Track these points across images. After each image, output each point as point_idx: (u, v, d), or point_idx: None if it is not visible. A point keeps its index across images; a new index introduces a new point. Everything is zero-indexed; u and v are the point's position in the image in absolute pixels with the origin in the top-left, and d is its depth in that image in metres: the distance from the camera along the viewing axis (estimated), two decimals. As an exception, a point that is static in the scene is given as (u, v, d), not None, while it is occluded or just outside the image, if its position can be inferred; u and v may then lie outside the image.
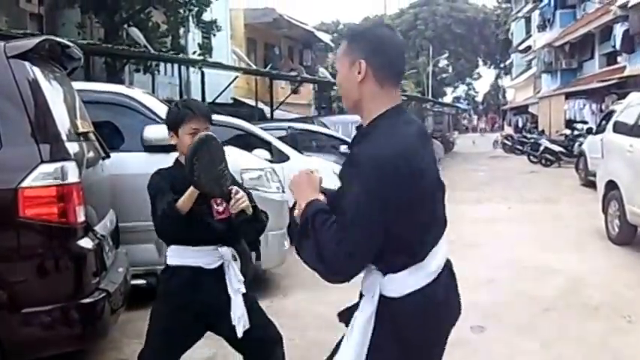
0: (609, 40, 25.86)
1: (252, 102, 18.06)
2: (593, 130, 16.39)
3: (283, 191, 6.42)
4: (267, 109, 17.79)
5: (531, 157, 23.23)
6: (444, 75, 65.81)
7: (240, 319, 2.96)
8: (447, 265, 2.15)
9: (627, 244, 8.02)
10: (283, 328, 3.27)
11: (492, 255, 7.78)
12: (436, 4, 60.62)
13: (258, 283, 6.22)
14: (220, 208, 3.00)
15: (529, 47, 41.41)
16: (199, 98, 13.52)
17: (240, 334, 2.95)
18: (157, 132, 4.88)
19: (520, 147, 26.72)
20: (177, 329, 2.98)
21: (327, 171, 9.66)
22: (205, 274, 2.98)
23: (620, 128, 8.50)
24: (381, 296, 2.01)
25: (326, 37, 29.20)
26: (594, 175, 10.69)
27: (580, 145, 17.93)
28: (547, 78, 36.32)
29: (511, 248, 8.17)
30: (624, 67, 24.14)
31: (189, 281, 2.96)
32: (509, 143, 30.09)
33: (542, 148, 22.31)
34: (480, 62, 68.25)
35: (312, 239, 1.98)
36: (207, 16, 14.38)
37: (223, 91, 14.93)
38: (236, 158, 6.05)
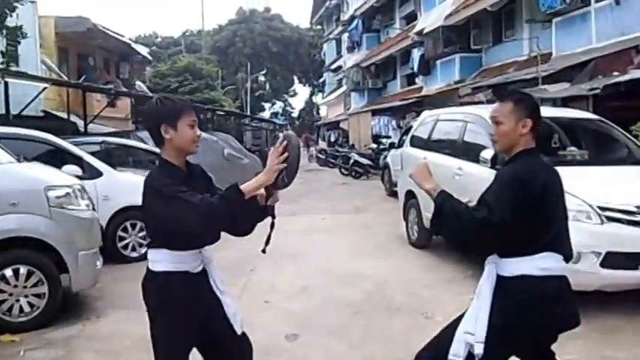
0: (409, 62, 27.85)
1: (64, 115, 17.02)
2: (395, 145, 17.59)
3: (94, 209, 6.19)
4: (80, 123, 16.89)
5: (343, 170, 24.16)
6: (262, 91, 66.70)
7: (235, 315, 3.01)
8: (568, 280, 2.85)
9: (425, 247, 8.73)
10: (99, 354, 3.16)
11: (307, 264, 8.07)
12: (254, 22, 61.22)
13: (68, 306, 5.94)
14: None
15: (340, 67, 43.28)
16: (2, 110, 12.54)
17: (239, 330, 2.99)
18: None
19: (333, 160, 27.72)
20: (190, 340, 2.92)
21: (142, 187, 9.42)
22: (194, 278, 2.94)
23: (416, 142, 9.19)
24: (498, 275, 2.80)
25: (144, 50, 28.39)
26: (397, 185, 11.34)
27: (385, 158, 18.88)
28: (356, 96, 38.15)
29: (324, 257, 8.52)
30: (421, 88, 26.17)
31: (187, 288, 2.89)
32: (323, 157, 31.15)
33: (352, 161, 23.32)
34: (296, 80, 70.00)
35: (455, 218, 2.81)
36: (12, 22, 13.30)
37: (30, 103, 13.89)
38: (40, 175, 5.76)
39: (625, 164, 6.82)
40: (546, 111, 9.17)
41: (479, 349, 2.76)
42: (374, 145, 24.57)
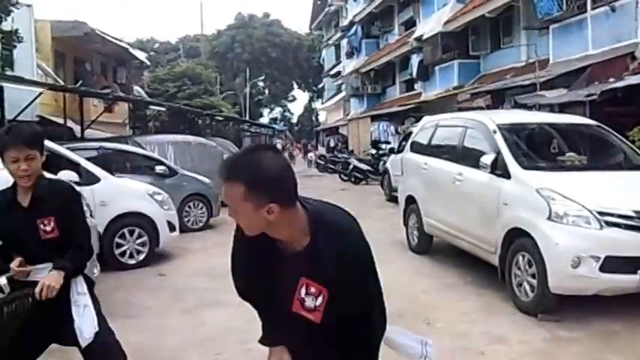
0: (407, 68, 27.94)
1: (60, 120, 17.01)
2: (395, 150, 17.62)
3: (92, 215, 6.17)
4: (77, 128, 16.89)
5: (342, 176, 24.18)
6: (261, 97, 66.80)
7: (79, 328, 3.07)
8: None
9: (425, 252, 8.72)
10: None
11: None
12: (253, 28, 61.33)
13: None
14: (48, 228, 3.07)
15: (339, 72, 43.31)
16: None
17: (82, 343, 3.06)
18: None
19: (332, 166, 27.72)
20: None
21: (140, 192, 9.44)
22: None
23: (417, 148, 9.19)
24: None
25: (141, 55, 28.43)
26: (397, 190, 11.36)
27: (384, 163, 18.91)
28: (355, 101, 38.20)
29: (324, 263, 8.51)
30: (420, 93, 26.25)
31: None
32: (322, 163, 31.15)
33: (351, 166, 23.33)
34: (295, 85, 70.11)
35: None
36: (7, 26, 13.30)
37: (25, 108, 13.86)
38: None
39: (623, 169, 6.85)
40: (545, 117, 9.28)
41: None
42: (373, 151, 24.58)
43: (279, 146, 47.53)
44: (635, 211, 5.48)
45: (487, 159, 6.61)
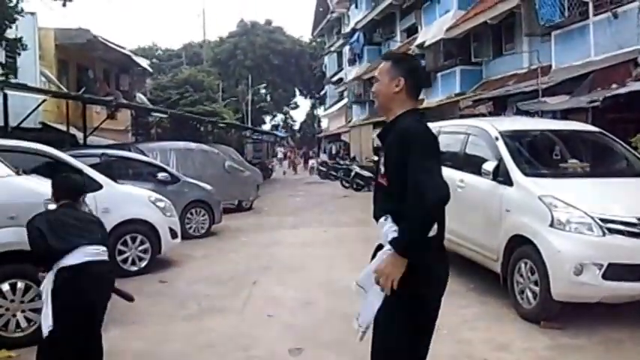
0: (410, 75, 27.92)
1: (63, 127, 17.04)
2: (397, 157, 17.59)
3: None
4: (80, 135, 16.93)
5: (344, 183, 24.23)
6: (263, 103, 66.85)
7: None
8: None
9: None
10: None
11: (309, 278, 8.04)
12: (255, 35, 61.42)
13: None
14: None
15: (341, 79, 43.36)
16: (0, 122, 12.56)
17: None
18: None
19: (334, 173, 27.74)
20: None
21: (143, 199, 9.45)
22: None
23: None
24: None
25: (144, 62, 28.45)
26: (399, 198, 11.37)
27: (386, 170, 18.94)
28: (357, 108, 38.22)
29: (327, 270, 8.48)
30: (422, 100, 26.23)
31: None
32: (324, 169, 31.19)
33: (353, 173, 23.38)
34: (297, 92, 70.17)
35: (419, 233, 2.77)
36: (11, 34, 13.34)
37: (29, 115, 13.89)
38: (38, 188, 5.75)
39: (625, 176, 6.83)
40: (547, 124, 9.26)
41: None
42: (375, 158, 24.56)
43: (280, 155, 47.57)
44: (638, 218, 5.47)
45: (489, 166, 6.60)
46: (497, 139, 6.91)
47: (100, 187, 8.18)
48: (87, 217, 4.39)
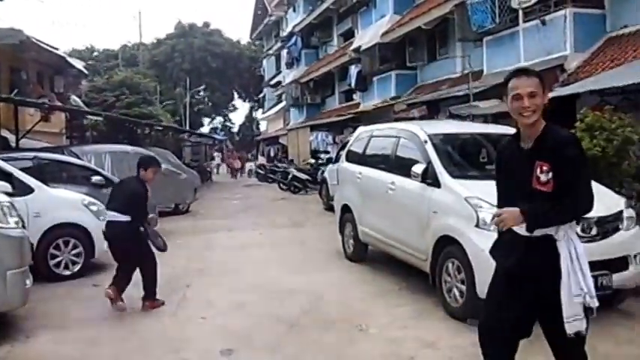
0: (346, 79, 28.18)
1: (-6, 130, 16.52)
2: (333, 160, 17.81)
3: (24, 226, 6.04)
4: (12, 138, 16.40)
5: (282, 185, 24.23)
6: (201, 106, 66.18)
7: None
8: None
9: (361, 260, 8.84)
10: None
11: (243, 280, 8.06)
12: (193, 37, 60.73)
13: (-5, 325, 5.80)
14: None
15: (279, 82, 43.48)
16: None
17: None
18: None
19: (272, 175, 27.70)
20: None
21: (75, 203, 9.30)
22: None
23: (352, 157, 9.33)
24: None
25: (79, 64, 27.79)
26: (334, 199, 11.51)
27: (322, 173, 19.11)
28: (295, 111, 38.35)
29: (261, 272, 8.51)
30: (359, 104, 26.56)
31: None
32: (262, 172, 31.13)
33: (290, 176, 23.42)
34: (236, 95, 69.77)
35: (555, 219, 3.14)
36: None
37: (-44, 117, 13.42)
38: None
39: None
40: (476, 127, 9.55)
41: (594, 302, 3.12)
42: (312, 161, 24.76)
43: (218, 160, 47.10)
44: None
45: (418, 168, 6.76)
46: (426, 142, 7.09)
47: (32, 190, 8.05)
48: None
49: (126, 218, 6.52)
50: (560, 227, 3.15)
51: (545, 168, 3.10)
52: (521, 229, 3.20)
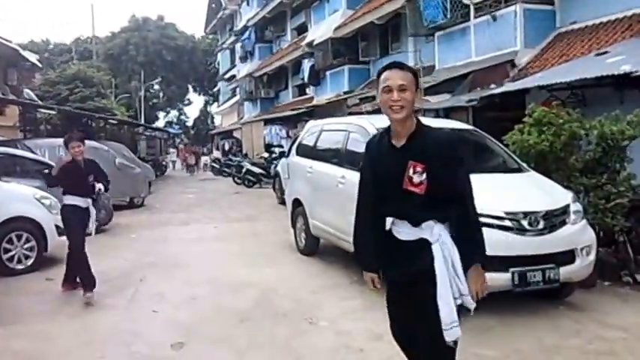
0: (300, 73, 28.29)
1: (-57, 123, 16.08)
2: (285, 153, 17.88)
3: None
4: (-36, 132, 16.03)
5: (236, 179, 24.18)
6: (156, 100, 65.31)
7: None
8: None
9: (313, 254, 8.93)
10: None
11: (196, 273, 8.08)
12: (147, 30, 59.82)
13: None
14: None
15: (234, 76, 43.18)
16: None
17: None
18: None
19: (227, 169, 27.65)
20: None
21: (27, 197, 9.21)
22: None
23: (302, 151, 9.40)
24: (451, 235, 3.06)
25: (33, 57, 27.24)
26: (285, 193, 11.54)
27: (275, 167, 19.22)
28: (249, 105, 38.22)
29: (214, 266, 8.56)
30: (312, 98, 26.65)
31: None
32: (217, 166, 31.02)
33: (244, 170, 23.40)
34: (191, 88, 69.07)
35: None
36: None
37: None
38: None
39: (497, 172, 7.09)
40: (426, 122, 9.64)
41: (472, 303, 3.07)
42: (266, 154, 24.75)
43: (174, 157, 46.53)
44: (505, 212, 5.77)
45: (367, 162, 6.84)
46: (374, 136, 7.17)
47: (-18, 184, 7.95)
48: None
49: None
50: (433, 229, 3.00)
51: (418, 169, 2.94)
52: (399, 233, 3.13)
